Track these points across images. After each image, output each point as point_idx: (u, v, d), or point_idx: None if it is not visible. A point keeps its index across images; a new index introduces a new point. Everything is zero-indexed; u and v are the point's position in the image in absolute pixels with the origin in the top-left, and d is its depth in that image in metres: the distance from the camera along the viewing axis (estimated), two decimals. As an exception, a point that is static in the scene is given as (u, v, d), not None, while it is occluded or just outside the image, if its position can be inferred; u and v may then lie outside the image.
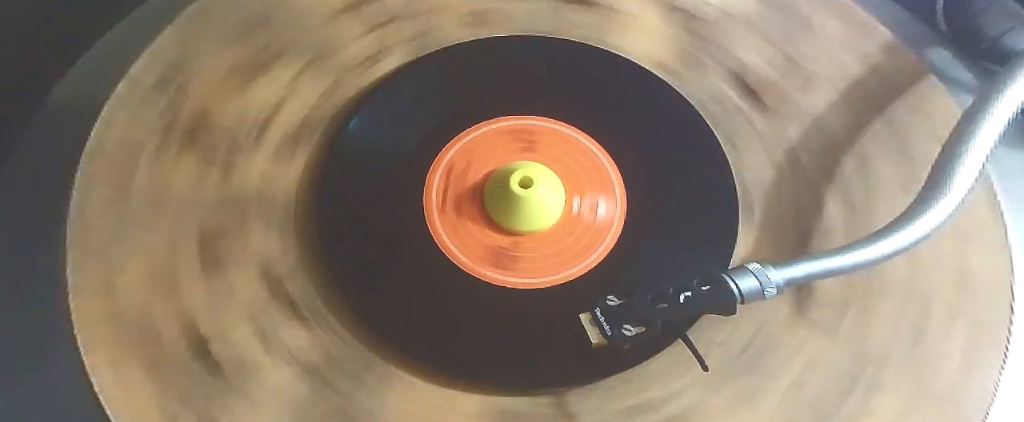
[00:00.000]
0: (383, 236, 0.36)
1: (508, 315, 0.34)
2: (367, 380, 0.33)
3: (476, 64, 0.40)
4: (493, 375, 0.33)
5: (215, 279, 0.35)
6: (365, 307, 0.34)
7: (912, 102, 0.39)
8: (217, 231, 0.35)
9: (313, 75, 0.39)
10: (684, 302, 0.31)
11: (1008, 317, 0.35)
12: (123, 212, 0.35)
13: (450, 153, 0.37)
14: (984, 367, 0.34)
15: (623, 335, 0.31)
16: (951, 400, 0.33)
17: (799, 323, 0.34)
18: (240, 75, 0.39)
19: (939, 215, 0.32)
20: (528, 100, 0.38)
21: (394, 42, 0.40)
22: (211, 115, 0.38)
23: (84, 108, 0.38)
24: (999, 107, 0.33)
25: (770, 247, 0.36)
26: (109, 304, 0.34)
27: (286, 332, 0.34)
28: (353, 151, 0.37)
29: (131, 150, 0.37)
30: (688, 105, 0.38)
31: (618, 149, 0.38)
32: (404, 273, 0.35)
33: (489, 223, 0.36)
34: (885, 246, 0.31)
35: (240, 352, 0.33)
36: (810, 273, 0.31)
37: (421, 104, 0.38)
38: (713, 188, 0.37)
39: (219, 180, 0.36)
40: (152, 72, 0.38)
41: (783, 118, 0.39)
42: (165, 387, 0.32)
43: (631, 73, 0.39)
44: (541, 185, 0.35)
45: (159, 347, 0.33)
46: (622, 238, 0.36)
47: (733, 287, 0.31)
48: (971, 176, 0.32)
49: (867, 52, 0.41)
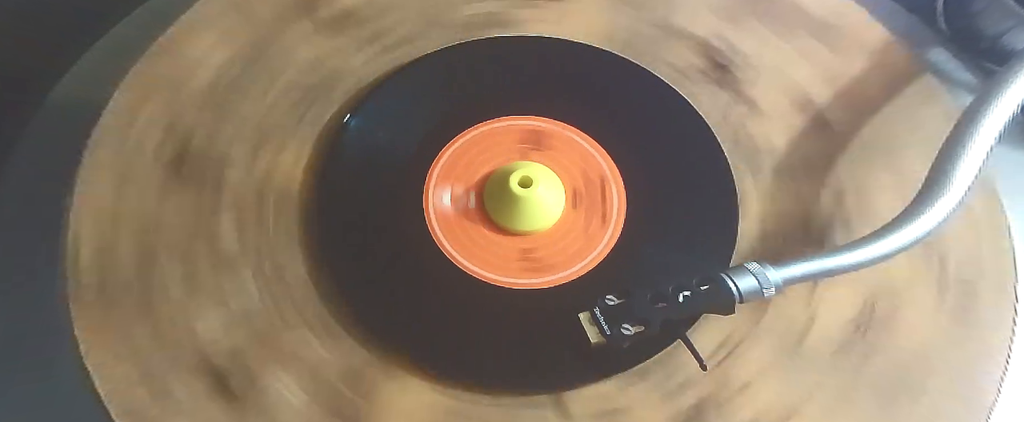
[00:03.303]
0: (382, 237, 0.36)
1: (507, 315, 0.34)
2: (364, 381, 0.33)
3: (474, 64, 0.40)
4: (492, 375, 0.33)
5: (224, 275, 0.35)
6: (363, 308, 0.34)
7: (912, 102, 0.39)
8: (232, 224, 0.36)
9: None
10: (683, 301, 0.31)
11: (1011, 317, 0.35)
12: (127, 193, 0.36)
13: (451, 152, 0.37)
14: (984, 366, 0.34)
15: (622, 334, 0.31)
16: (951, 400, 0.33)
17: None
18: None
19: (938, 214, 0.32)
20: (527, 100, 0.38)
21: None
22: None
23: (84, 108, 0.38)
24: (999, 106, 0.33)
25: (770, 247, 0.36)
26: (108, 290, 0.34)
27: (283, 334, 0.34)
28: (352, 149, 0.37)
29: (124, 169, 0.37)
30: (687, 104, 0.38)
31: (617, 149, 0.37)
32: (403, 274, 0.35)
33: (488, 223, 0.36)
34: (884, 246, 0.31)
35: (247, 363, 0.33)
36: (809, 273, 0.31)
37: (422, 103, 0.38)
38: (713, 188, 0.37)
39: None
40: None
41: (783, 118, 0.39)
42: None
43: (629, 72, 0.39)
44: (541, 185, 0.35)
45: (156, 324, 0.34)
46: (622, 238, 0.36)
47: (732, 286, 0.31)
48: (971, 175, 0.32)
49: (867, 51, 0.41)
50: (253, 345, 0.34)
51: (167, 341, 0.33)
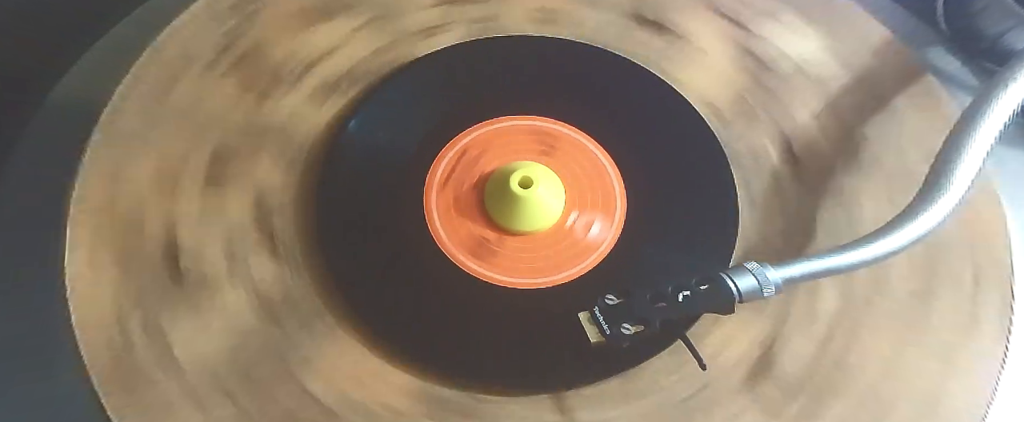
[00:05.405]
0: (382, 237, 0.36)
1: (507, 315, 0.34)
2: (364, 381, 0.33)
3: (474, 64, 0.40)
4: (492, 375, 0.33)
5: (211, 195, 0.36)
6: (363, 308, 0.34)
7: (912, 102, 0.39)
8: (231, 153, 0.37)
9: (371, 32, 0.40)
10: (682, 301, 0.31)
11: (1008, 317, 0.35)
12: (154, 112, 0.37)
13: (451, 152, 0.37)
14: (984, 366, 0.34)
15: (622, 334, 0.31)
16: (950, 399, 0.33)
17: (746, 393, 0.33)
18: (307, 16, 0.40)
19: (938, 214, 0.32)
20: (528, 100, 0.38)
21: (458, 20, 0.40)
22: (266, 45, 0.39)
23: (84, 108, 0.38)
24: (999, 105, 0.33)
25: (770, 247, 0.36)
26: (110, 191, 0.35)
27: (255, 260, 0.35)
28: (354, 146, 0.37)
29: (184, 61, 0.38)
30: (688, 105, 0.38)
31: (618, 148, 0.38)
32: (403, 274, 0.35)
33: (489, 223, 0.36)
34: (883, 245, 0.31)
35: (206, 267, 0.34)
36: (808, 272, 0.31)
37: (423, 102, 0.38)
38: (713, 188, 0.37)
39: (250, 107, 0.38)
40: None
41: (783, 117, 0.39)
42: (128, 280, 0.34)
43: (629, 69, 0.39)
44: (541, 185, 0.35)
45: (138, 240, 0.34)
46: (622, 238, 0.36)
47: (731, 286, 0.31)
48: (971, 174, 0.32)
49: (867, 51, 0.41)
50: (221, 261, 0.34)
51: (147, 236, 0.34)
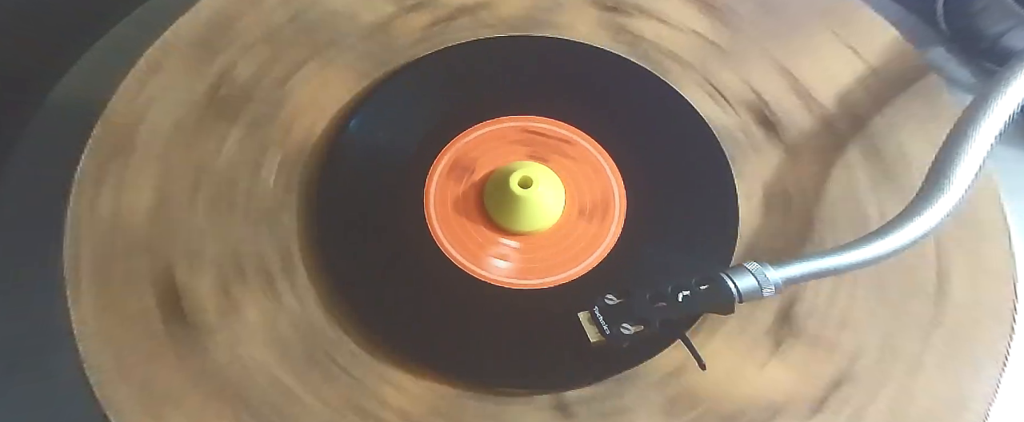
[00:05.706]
0: (382, 237, 0.36)
1: (507, 315, 0.34)
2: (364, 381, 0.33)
3: (474, 64, 0.40)
4: (492, 375, 0.33)
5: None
6: (363, 308, 0.34)
7: (912, 101, 0.39)
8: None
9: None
10: (682, 301, 0.31)
11: (1009, 317, 0.35)
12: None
13: (450, 152, 0.37)
14: (984, 366, 0.34)
15: (621, 334, 0.31)
16: (950, 399, 0.33)
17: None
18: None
19: (938, 213, 0.32)
20: (528, 100, 0.38)
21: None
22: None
23: (84, 108, 0.38)
24: (999, 106, 0.33)
25: (770, 247, 0.36)
26: (111, 191, 0.35)
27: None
28: (354, 147, 0.37)
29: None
30: (688, 105, 0.38)
31: (618, 148, 0.37)
32: (403, 274, 0.35)
33: (489, 223, 0.36)
34: (884, 245, 0.31)
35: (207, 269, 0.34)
36: (808, 272, 0.31)
37: (423, 102, 0.38)
38: (713, 188, 0.37)
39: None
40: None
41: (782, 117, 0.39)
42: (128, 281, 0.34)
43: (630, 72, 0.39)
44: (541, 185, 0.35)
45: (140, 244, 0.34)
46: (622, 238, 0.36)
47: (731, 286, 0.31)
48: (971, 174, 0.32)
49: (871, 50, 0.41)
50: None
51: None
